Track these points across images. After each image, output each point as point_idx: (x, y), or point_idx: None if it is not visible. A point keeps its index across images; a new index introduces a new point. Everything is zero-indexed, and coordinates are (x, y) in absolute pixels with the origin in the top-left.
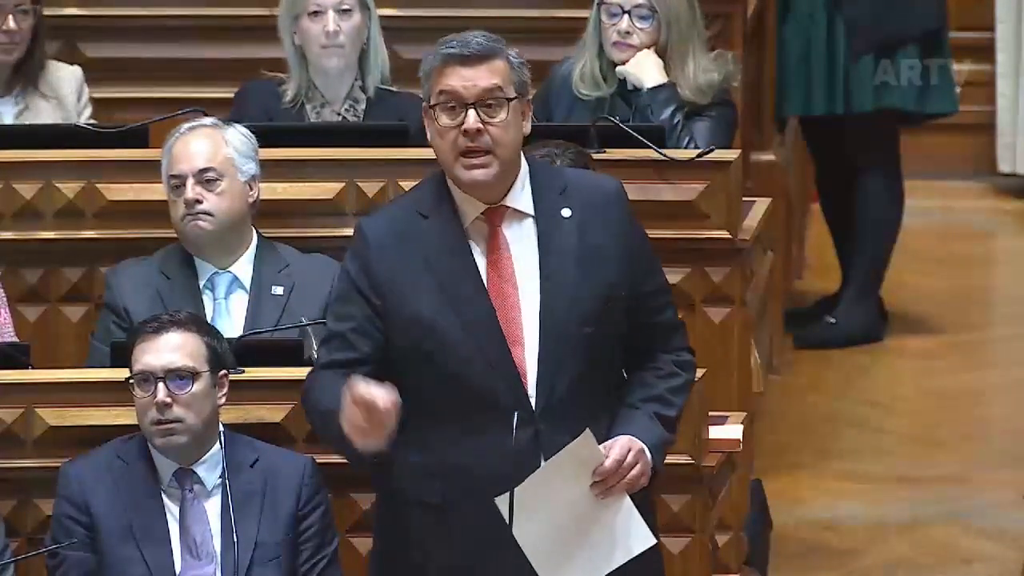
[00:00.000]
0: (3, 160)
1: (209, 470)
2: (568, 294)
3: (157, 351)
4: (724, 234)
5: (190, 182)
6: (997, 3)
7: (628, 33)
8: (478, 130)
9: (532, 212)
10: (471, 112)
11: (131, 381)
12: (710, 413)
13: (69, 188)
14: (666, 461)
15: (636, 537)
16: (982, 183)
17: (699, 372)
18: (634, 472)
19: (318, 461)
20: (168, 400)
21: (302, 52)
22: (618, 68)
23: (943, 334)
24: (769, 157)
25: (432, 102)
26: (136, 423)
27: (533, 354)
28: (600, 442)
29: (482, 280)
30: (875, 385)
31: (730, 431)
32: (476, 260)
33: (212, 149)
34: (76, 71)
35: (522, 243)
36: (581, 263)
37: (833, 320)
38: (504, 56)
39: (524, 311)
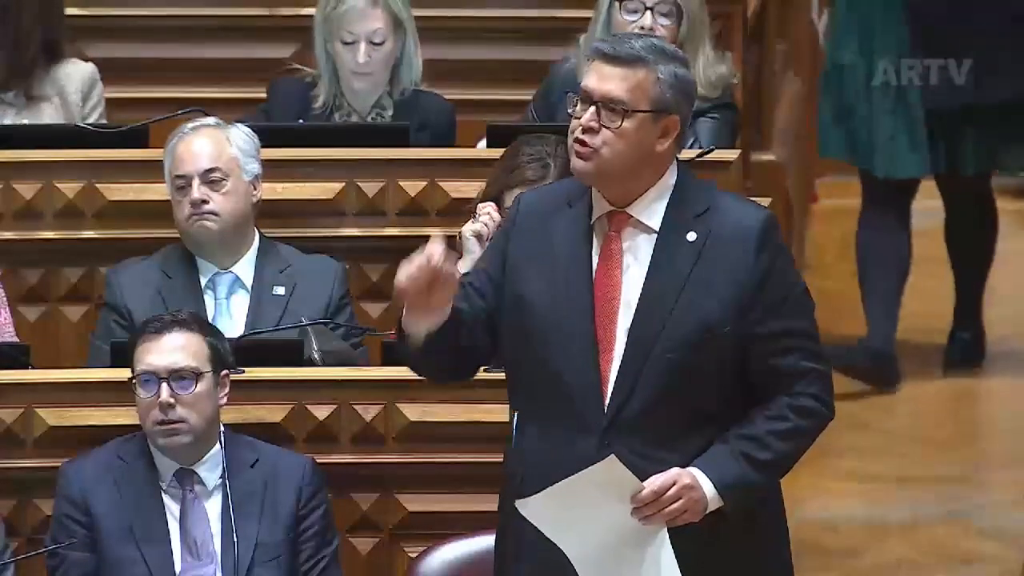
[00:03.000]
0: (3, 160)
1: (210, 470)
2: (661, 317)
3: (160, 351)
4: None
5: (195, 182)
6: None
7: (651, 30)
8: (591, 128)
9: (657, 228)
10: (591, 110)
11: (133, 381)
12: None
13: (69, 188)
14: None
15: (662, 572)
16: None
17: None
18: (675, 506)
19: (318, 461)
20: (171, 400)
21: (334, 63)
22: None
23: (943, 334)
24: (769, 157)
25: (575, 93)
26: (136, 423)
27: (615, 367)
28: None
29: (590, 280)
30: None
31: None
32: (592, 258)
33: (217, 149)
34: (86, 69)
35: (637, 256)
36: (686, 289)
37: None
38: (651, 68)
39: (619, 322)
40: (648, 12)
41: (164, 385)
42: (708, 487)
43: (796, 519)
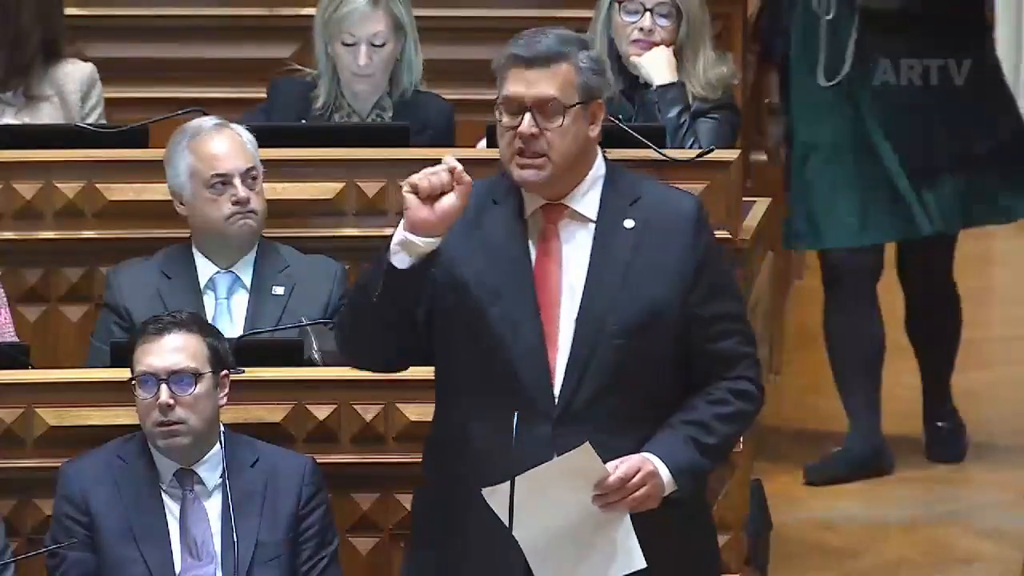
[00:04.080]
0: (3, 160)
1: (210, 470)
2: (607, 304)
3: (160, 352)
4: (724, 234)
5: (237, 180)
6: (997, 3)
7: (650, 31)
8: (532, 135)
9: (593, 217)
10: (527, 117)
11: (133, 382)
12: None
13: (69, 188)
14: None
15: (626, 557)
16: None
17: None
18: (639, 493)
19: (318, 461)
20: (171, 402)
21: (334, 64)
22: (632, 58)
23: None
24: None
25: (498, 102)
26: (136, 423)
27: (564, 356)
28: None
29: (531, 273)
30: None
31: None
32: (530, 253)
33: (247, 148)
34: (85, 69)
35: (576, 246)
36: (629, 275)
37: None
38: (570, 59)
39: (564, 312)
40: (647, 13)
41: (163, 386)
42: (664, 472)
43: (796, 519)
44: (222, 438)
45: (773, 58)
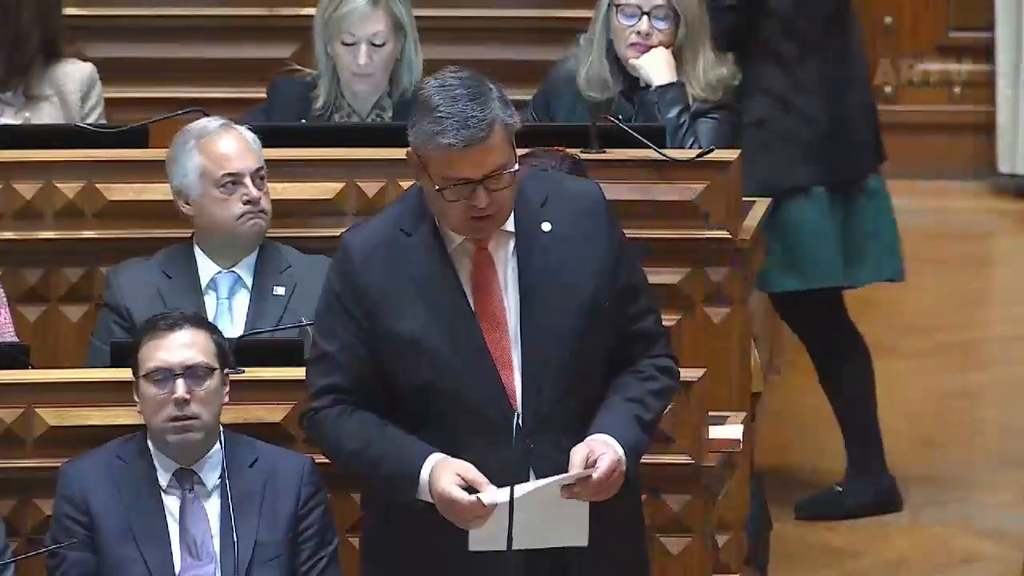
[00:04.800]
0: (3, 160)
1: (209, 470)
2: (549, 314)
3: (172, 348)
4: (724, 234)
5: (248, 180)
6: (997, 3)
7: (647, 35)
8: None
9: (512, 228)
10: (480, 191)
11: (141, 378)
12: (710, 413)
13: (69, 188)
14: (667, 461)
15: (573, 532)
16: (982, 183)
17: (699, 372)
18: (612, 481)
19: (317, 461)
20: (187, 396)
21: (334, 64)
22: (631, 60)
23: (943, 334)
24: None
25: (438, 186)
26: (136, 423)
27: (518, 374)
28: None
29: (469, 303)
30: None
31: (730, 431)
32: (463, 282)
33: (254, 148)
34: (85, 69)
35: (503, 260)
36: (560, 278)
37: (839, 488)
38: (498, 120)
39: (509, 329)
40: (645, 16)
41: (180, 381)
42: (622, 454)
43: (796, 519)
44: (222, 438)
45: None
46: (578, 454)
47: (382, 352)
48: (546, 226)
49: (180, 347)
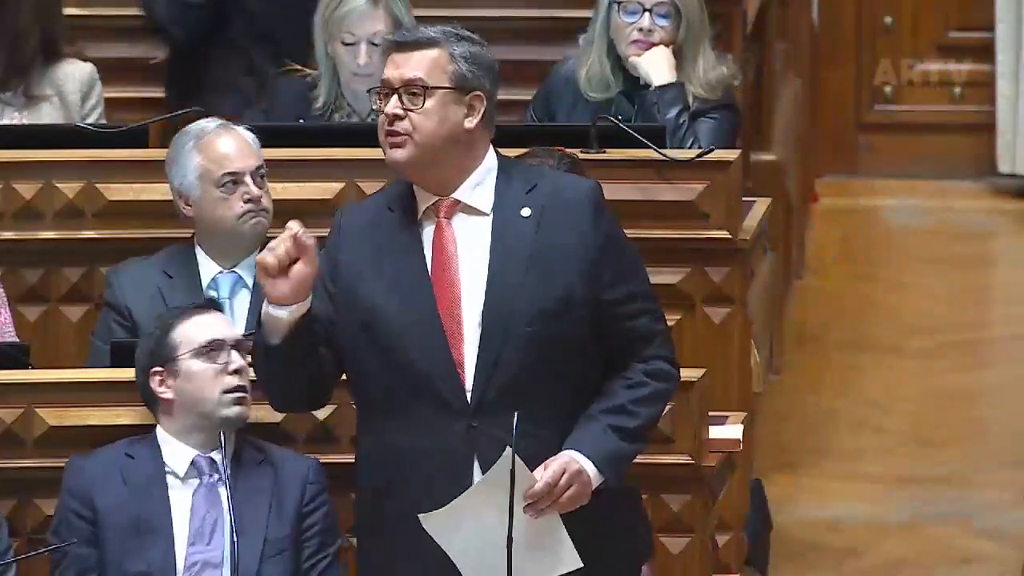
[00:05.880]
0: (3, 160)
1: (224, 458)
2: (512, 293)
3: (216, 324)
4: (724, 234)
5: (248, 179)
6: (997, 3)
7: (649, 31)
8: (396, 115)
9: (487, 210)
10: (393, 98)
11: (184, 358)
12: (710, 413)
13: (69, 188)
14: (667, 461)
15: (562, 559)
16: (982, 183)
17: (699, 372)
18: (568, 493)
19: (322, 462)
20: (245, 364)
21: (334, 64)
22: (631, 59)
23: (943, 334)
24: (769, 157)
25: (377, 88)
26: (138, 423)
27: (473, 349)
28: (556, 451)
29: (427, 272)
30: (875, 385)
31: (730, 431)
32: (425, 252)
33: (253, 148)
34: (85, 69)
35: (474, 240)
36: (532, 263)
37: None
38: (444, 47)
39: (466, 306)
40: (647, 13)
41: (234, 352)
42: (589, 466)
43: (796, 519)
44: (222, 437)
45: None
46: (538, 472)
47: (342, 319)
48: (525, 211)
49: (222, 324)
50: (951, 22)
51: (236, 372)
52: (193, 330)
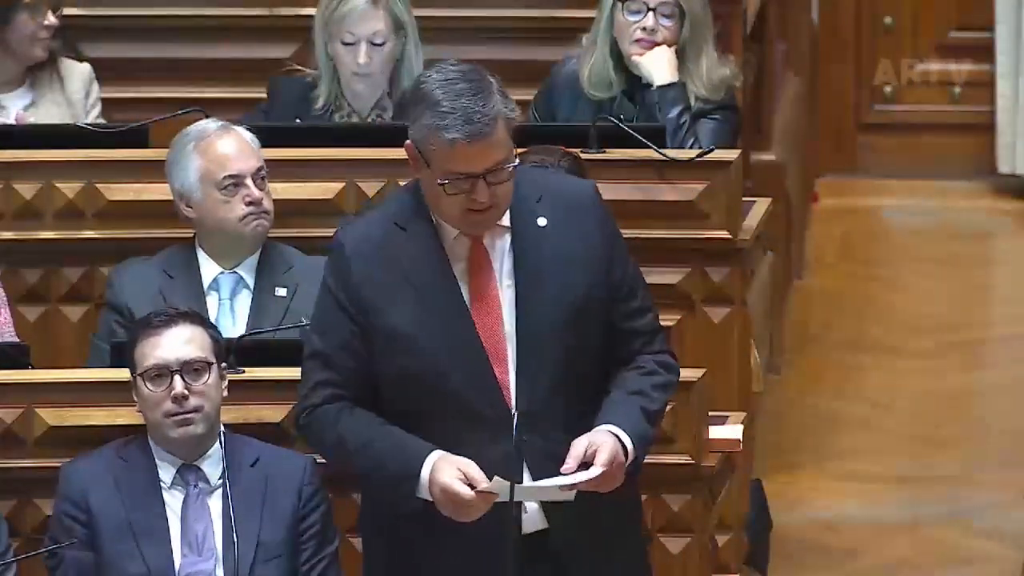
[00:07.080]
0: (3, 160)
1: (212, 466)
2: (542, 307)
3: (168, 345)
4: (724, 234)
5: (249, 180)
6: (997, 3)
7: (653, 31)
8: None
9: (507, 223)
10: (481, 185)
11: (139, 376)
12: (710, 413)
13: (69, 188)
14: (667, 461)
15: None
16: (982, 183)
17: (699, 372)
18: (609, 480)
19: (317, 461)
20: (185, 392)
21: (334, 64)
22: (633, 58)
23: (943, 334)
24: (769, 157)
25: (439, 180)
26: (137, 423)
27: (513, 367)
28: None
29: (463, 297)
30: (875, 385)
31: (730, 431)
32: (457, 276)
33: (254, 150)
34: (84, 68)
35: (500, 256)
36: (557, 274)
37: None
38: (500, 116)
39: (506, 326)
40: (651, 13)
41: (177, 378)
42: (628, 443)
43: (796, 519)
44: (221, 437)
45: None
46: (579, 446)
47: (377, 348)
48: (542, 221)
49: (178, 343)
50: (951, 22)
51: (176, 398)
52: (143, 351)
